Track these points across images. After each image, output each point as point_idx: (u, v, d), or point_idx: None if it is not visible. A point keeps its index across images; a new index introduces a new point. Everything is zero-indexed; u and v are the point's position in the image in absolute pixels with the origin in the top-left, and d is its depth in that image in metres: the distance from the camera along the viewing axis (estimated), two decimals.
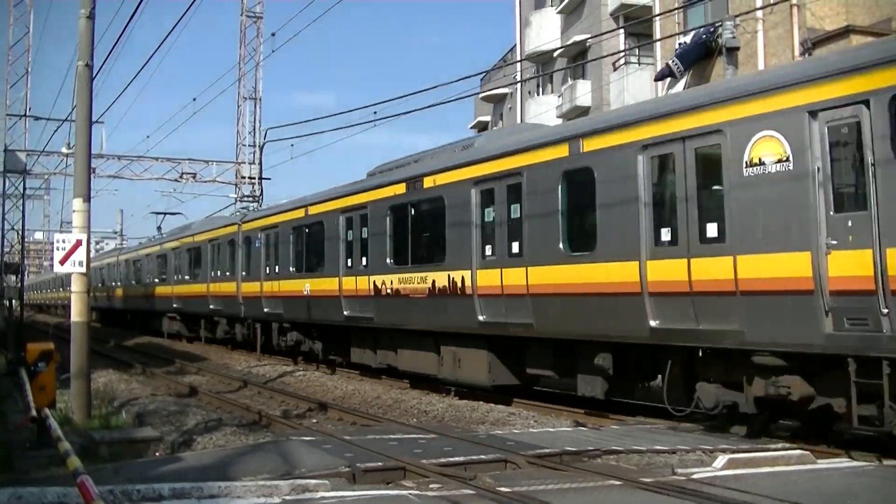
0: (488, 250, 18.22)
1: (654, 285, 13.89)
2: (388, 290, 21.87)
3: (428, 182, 20.48)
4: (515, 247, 17.28)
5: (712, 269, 12.87)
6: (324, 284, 25.55)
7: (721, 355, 13.44)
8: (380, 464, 10.95)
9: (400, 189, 21.74)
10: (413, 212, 21.59)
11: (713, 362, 13.70)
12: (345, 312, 24.10)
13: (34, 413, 13.18)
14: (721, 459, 11.03)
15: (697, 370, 14.11)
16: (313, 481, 9.81)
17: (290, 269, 28.41)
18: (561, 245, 16.07)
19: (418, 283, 20.55)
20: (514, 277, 17.06)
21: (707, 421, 14.76)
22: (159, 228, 52.45)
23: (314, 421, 17.65)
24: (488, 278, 17.95)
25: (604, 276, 14.91)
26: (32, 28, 46.78)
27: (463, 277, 18.72)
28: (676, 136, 13.51)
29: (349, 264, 24.29)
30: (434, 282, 19.81)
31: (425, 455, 11.56)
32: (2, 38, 47.56)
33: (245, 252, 32.87)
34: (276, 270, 29.67)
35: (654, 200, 14.08)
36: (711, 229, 13.06)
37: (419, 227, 21.49)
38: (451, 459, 11.22)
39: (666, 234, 13.78)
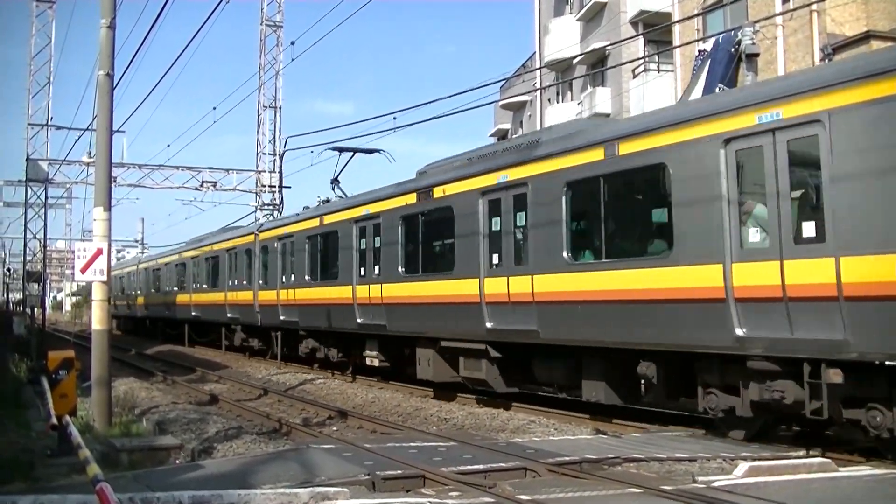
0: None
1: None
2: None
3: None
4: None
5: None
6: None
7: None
8: (399, 472, 10.94)
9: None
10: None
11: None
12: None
13: (55, 421, 13.25)
14: (742, 467, 10.96)
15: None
16: (333, 489, 9.82)
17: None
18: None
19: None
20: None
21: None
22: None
23: (334, 429, 17.67)
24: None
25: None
26: (54, 38, 46.94)
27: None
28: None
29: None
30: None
31: (445, 463, 11.55)
32: (24, 49, 47.90)
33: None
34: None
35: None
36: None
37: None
38: (471, 467, 11.20)
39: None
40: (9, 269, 73.55)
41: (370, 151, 29.23)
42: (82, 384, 18.03)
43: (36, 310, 41.54)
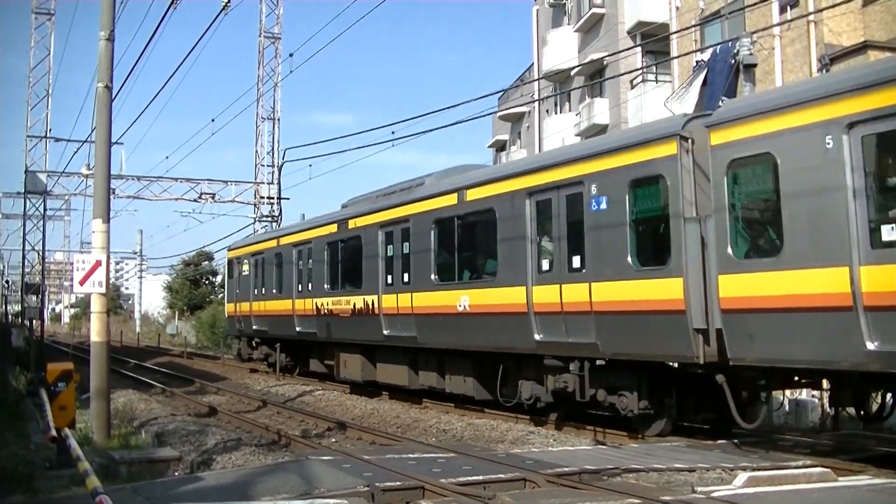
0: None
1: None
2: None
3: None
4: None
5: None
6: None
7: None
8: (398, 483, 10.92)
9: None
10: None
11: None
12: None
13: (54, 433, 13.25)
14: (741, 477, 10.96)
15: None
16: (332, 501, 9.82)
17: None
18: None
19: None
20: None
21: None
22: None
23: (333, 440, 17.67)
24: None
25: None
26: (53, 50, 47.13)
27: None
28: None
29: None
30: None
31: (444, 474, 11.53)
32: (23, 61, 48.17)
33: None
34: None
35: None
36: None
37: None
38: (470, 479, 11.18)
39: None
40: (7, 281, 73.54)
41: None
42: (81, 396, 18.04)
43: (34, 322, 41.56)
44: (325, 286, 26.95)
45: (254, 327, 33.80)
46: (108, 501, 7.42)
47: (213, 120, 68.26)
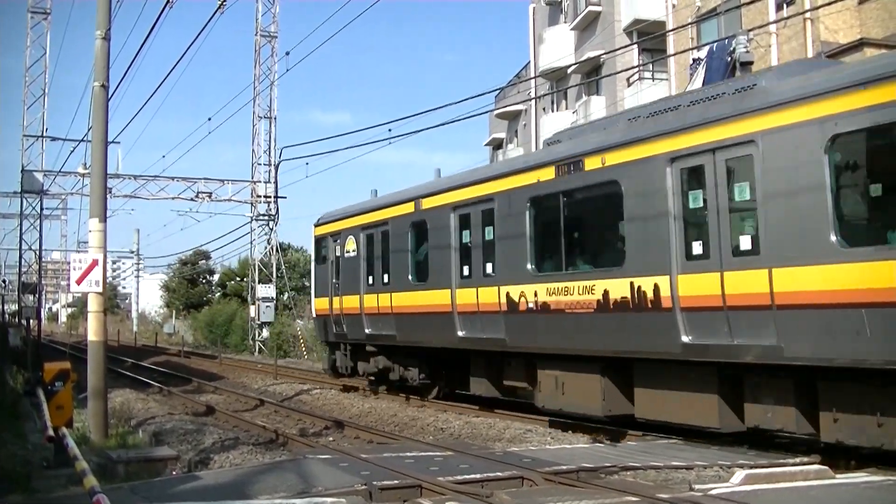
0: None
1: None
2: None
3: None
4: None
5: None
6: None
7: None
8: (396, 482, 10.92)
9: None
10: None
11: None
12: None
13: (52, 432, 13.23)
14: (739, 475, 10.97)
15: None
16: (330, 499, 9.82)
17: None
18: None
19: None
20: None
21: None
22: None
23: (331, 439, 17.66)
24: None
25: None
26: (49, 50, 47.15)
27: None
28: None
29: None
30: None
31: (442, 473, 11.52)
32: (19, 60, 48.33)
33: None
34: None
35: None
36: None
37: None
38: (468, 477, 11.18)
39: None
40: (4, 281, 73.47)
41: None
42: (78, 396, 18.02)
43: (32, 321, 41.51)
44: (528, 267, 17.52)
45: (367, 331, 24.06)
46: (106, 501, 7.42)
47: (209, 119, 68.41)
